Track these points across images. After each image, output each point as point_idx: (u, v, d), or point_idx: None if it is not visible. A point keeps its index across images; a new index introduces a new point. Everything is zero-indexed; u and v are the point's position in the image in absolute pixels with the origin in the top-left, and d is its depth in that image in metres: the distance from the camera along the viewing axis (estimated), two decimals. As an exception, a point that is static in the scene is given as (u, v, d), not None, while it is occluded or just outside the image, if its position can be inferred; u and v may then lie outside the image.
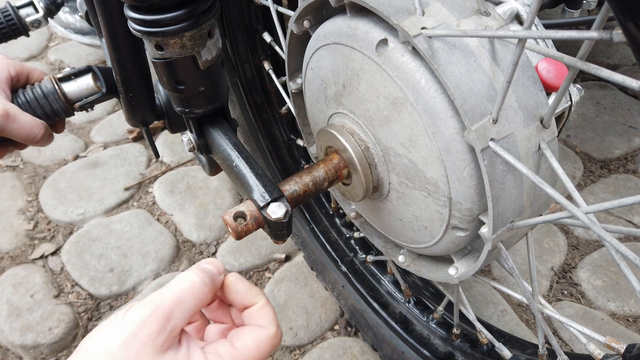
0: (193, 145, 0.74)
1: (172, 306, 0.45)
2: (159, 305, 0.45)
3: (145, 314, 0.44)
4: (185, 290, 0.47)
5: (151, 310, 0.44)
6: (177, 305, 0.45)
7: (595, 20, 0.35)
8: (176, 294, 0.46)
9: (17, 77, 0.80)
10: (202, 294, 0.48)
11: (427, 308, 0.99)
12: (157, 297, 0.46)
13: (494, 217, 0.50)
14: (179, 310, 0.46)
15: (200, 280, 0.48)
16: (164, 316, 0.44)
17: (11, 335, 1.21)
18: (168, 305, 0.45)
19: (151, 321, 0.43)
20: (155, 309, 0.44)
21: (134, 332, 0.43)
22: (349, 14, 0.57)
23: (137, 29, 0.55)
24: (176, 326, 0.45)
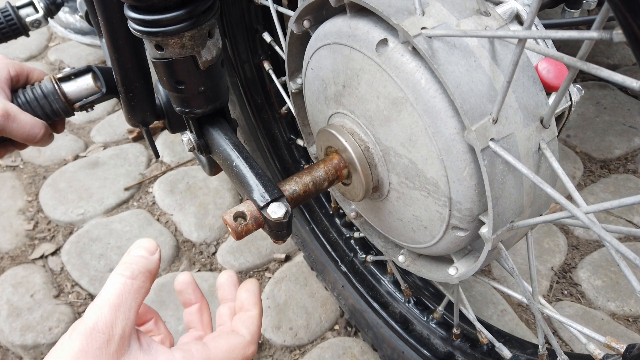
0: (193, 145, 0.74)
1: (111, 313, 0.45)
2: (99, 316, 0.44)
3: (88, 329, 0.43)
4: (118, 293, 0.46)
5: (93, 323, 0.44)
6: (116, 310, 0.45)
7: (595, 20, 0.35)
8: (111, 300, 0.46)
9: (16, 77, 0.80)
10: (137, 287, 0.48)
11: (427, 308, 0.99)
12: (95, 309, 0.45)
13: (494, 217, 0.50)
14: (120, 313, 0.45)
15: (130, 275, 0.48)
16: (107, 325, 0.44)
17: (11, 335, 1.21)
18: (107, 313, 0.45)
19: (96, 334, 0.43)
20: (96, 321, 0.44)
21: (82, 349, 0.43)
22: (349, 14, 0.57)
23: (137, 29, 0.55)
24: (124, 329, 0.45)
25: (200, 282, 1.30)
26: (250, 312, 0.54)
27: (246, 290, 0.56)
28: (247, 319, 0.54)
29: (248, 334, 0.52)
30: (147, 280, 0.49)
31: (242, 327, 0.53)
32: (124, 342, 0.45)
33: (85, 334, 0.43)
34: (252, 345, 0.52)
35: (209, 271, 1.35)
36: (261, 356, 1.18)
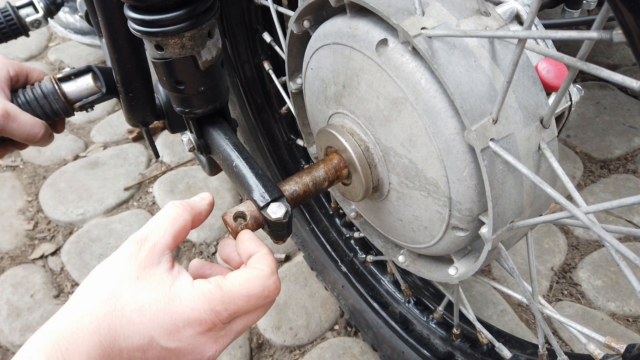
0: (193, 145, 0.74)
1: (146, 230, 0.51)
2: (135, 235, 0.51)
3: (128, 240, 0.50)
4: (159, 216, 0.53)
5: (129, 240, 0.50)
6: (152, 229, 0.51)
7: (595, 20, 0.35)
8: (152, 221, 0.52)
9: (16, 77, 0.80)
10: (177, 214, 0.53)
11: (427, 308, 0.99)
12: (149, 229, 0.52)
13: (494, 217, 0.50)
14: (155, 232, 0.51)
15: (173, 204, 0.54)
16: (140, 238, 0.50)
17: (11, 335, 1.21)
18: (142, 231, 0.51)
19: (129, 244, 0.50)
20: (132, 238, 0.51)
21: (116, 256, 0.49)
22: (349, 14, 0.57)
23: (137, 29, 0.55)
24: (155, 244, 0.50)
25: (200, 282, 1.30)
26: (260, 252, 0.53)
27: (243, 241, 0.54)
28: (258, 257, 0.52)
29: (265, 266, 0.51)
30: (187, 212, 0.54)
31: (257, 263, 0.51)
32: (153, 256, 0.49)
33: (122, 247, 0.50)
34: (272, 276, 0.50)
35: (209, 271, 1.35)
36: (261, 356, 1.18)
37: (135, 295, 0.47)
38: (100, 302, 0.46)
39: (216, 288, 0.48)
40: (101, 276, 0.49)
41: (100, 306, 0.46)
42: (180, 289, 0.48)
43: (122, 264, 0.49)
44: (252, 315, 0.52)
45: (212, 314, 0.47)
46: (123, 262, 0.49)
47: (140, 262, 0.49)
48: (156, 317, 0.46)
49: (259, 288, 0.49)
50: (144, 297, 0.47)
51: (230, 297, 0.48)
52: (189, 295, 0.47)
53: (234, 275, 0.50)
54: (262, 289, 0.49)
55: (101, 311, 0.46)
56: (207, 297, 0.47)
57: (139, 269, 0.48)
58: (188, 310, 0.47)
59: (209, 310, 0.47)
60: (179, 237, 0.53)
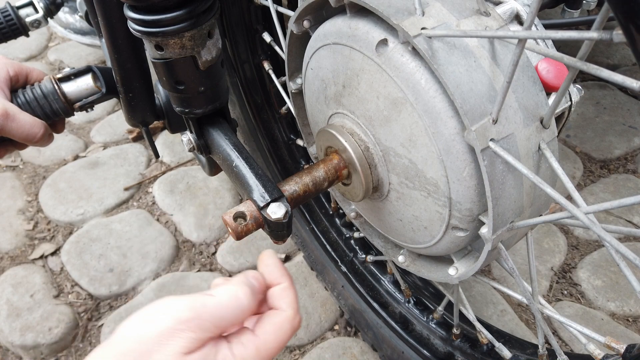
0: (193, 146, 0.74)
1: (211, 319, 0.47)
2: (199, 314, 0.46)
3: (185, 316, 0.46)
4: (229, 308, 0.48)
5: (192, 316, 0.46)
6: (216, 320, 0.47)
7: (595, 20, 0.35)
8: (219, 309, 0.47)
9: (16, 77, 0.80)
10: (242, 315, 0.50)
11: (427, 308, 0.99)
12: (200, 304, 0.47)
13: (494, 218, 0.50)
14: (216, 325, 0.47)
15: (247, 303, 0.49)
16: (201, 326, 0.46)
17: (11, 336, 1.21)
18: (208, 318, 0.46)
19: (188, 326, 0.45)
20: (195, 316, 0.46)
21: (170, 329, 0.45)
22: (349, 14, 0.57)
23: (137, 29, 0.55)
24: (209, 337, 0.47)
25: (200, 282, 1.30)
26: (282, 285, 0.53)
27: (266, 265, 0.55)
28: (280, 292, 0.53)
29: (288, 307, 0.52)
30: (250, 313, 0.51)
31: (280, 302, 0.52)
32: (203, 343, 0.46)
33: (180, 319, 0.45)
34: (296, 316, 0.52)
35: (209, 271, 1.35)
36: (261, 356, 1.18)
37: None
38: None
39: (255, 353, 0.49)
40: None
41: None
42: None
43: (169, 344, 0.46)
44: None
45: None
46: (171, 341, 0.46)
47: (186, 349, 0.46)
48: None
49: (289, 332, 0.51)
50: None
51: (267, 352, 0.49)
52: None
53: (264, 329, 0.50)
54: (291, 331, 0.51)
55: None
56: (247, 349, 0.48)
57: (182, 356, 0.46)
58: None
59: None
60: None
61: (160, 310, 0.47)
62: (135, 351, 0.44)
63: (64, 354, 1.21)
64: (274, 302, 0.52)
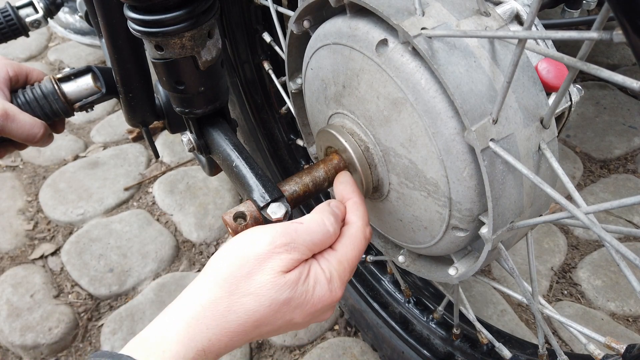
0: (193, 146, 0.74)
1: (303, 243, 0.52)
2: (293, 239, 0.51)
3: (281, 241, 0.50)
4: (318, 233, 0.53)
5: (287, 241, 0.51)
6: (307, 243, 0.52)
7: (596, 20, 0.35)
8: (309, 234, 0.53)
9: (16, 78, 0.80)
10: (329, 239, 0.55)
11: (427, 308, 0.99)
12: (293, 230, 0.52)
13: (494, 218, 0.50)
14: (308, 248, 0.52)
15: (333, 231, 0.55)
16: (296, 248, 0.51)
17: (11, 336, 1.21)
18: (300, 242, 0.51)
19: (285, 249, 0.50)
20: (290, 240, 0.51)
21: (269, 252, 0.50)
22: (349, 14, 0.57)
23: (137, 29, 0.55)
24: (303, 258, 0.52)
25: (200, 282, 1.30)
26: (352, 199, 0.59)
27: (340, 182, 0.61)
28: (351, 206, 0.59)
29: (358, 219, 0.58)
30: (335, 237, 0.56)
31: (352, 215, 0.58)
32: (300, 262, 0.52)
33: (278, 243, 0.50)
34: (367, 227, 0.58)
35: (209, 271, 1.35)
36: (261, 356, 1.18)
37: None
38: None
39: (338, 264, 0.54)
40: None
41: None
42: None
43: (268, 263, 0.50)
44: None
45: (344, 286, 0.55)
46: (270, 261, 0.50)
47: (283, 268, 0.51)
48: (301, 303, 0.51)
49: (363, 242, 0.57)
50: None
51: (348, 262, 0.55)
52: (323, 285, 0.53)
53: (342, 243, 0.56)
54: (364, 240, 0.57)
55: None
56: (341, 278, 0.54)
57: (279, 274, 0.51)
58: (328, 294, 0.53)
59: (343, 286, 0.54)
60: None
61: (257, 237, 0.51)
62: (235, 275, 0.49)
63: (64, 354, 1.21)
64: (347, 216, 0.58)
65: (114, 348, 1.19)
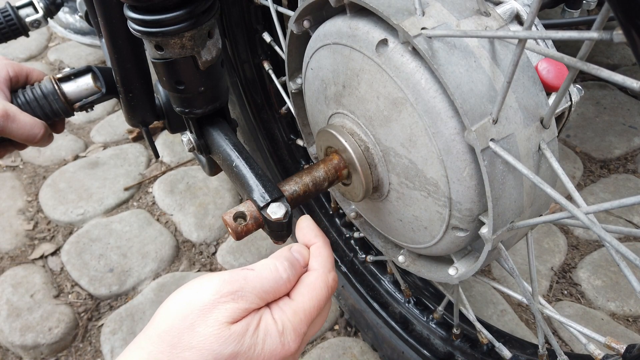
0: (193, 146, 0.74)
1: (252, 291, 0.48)
2: (242, 286, 0.48)
3: (227, 289, 0.47)
4: (269, 281, 0.50)
5: (235, 289, 0.48)
6: (257, 292, 0.49)
7: (596, 20, 0.35)
8: (260, 281, 0.49)
9: (16, 78, 0.80)
10: (283, 287, 0.51)
11: (427, 308, 0.99)
12: (242, 277, 0.49)
13: (494, 218, 0.50)
14: (258, 297, 0.49)
15: (287, 278, 0.51)
16: (244, 297, 0.48)
17: (11, 336, 1.21)
18: (249, 291, 0.48)
19: (232, 298, 0.47)
20: (238, 289, 0.48)
21: (214, 302, 0.47)
22: (349, 14, 0.57)
23: (137, 29, 0.55)
24: (252, 308, 0.49)
25: (200, 282, 1.30)
26: (316, 244, 0.56)
27: (301, 228, 0.57)
28: (314, 250, 0.55)
29: (320, 265, 0.54)
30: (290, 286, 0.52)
31: (313, 261, 0.54)
32: (246, 314, 0.48)
33: (223, 291, 0.47)
34: (330, 273, 0.54)
35: (209, 271, 1.35)
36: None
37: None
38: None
39: (293, 315, 0.50)
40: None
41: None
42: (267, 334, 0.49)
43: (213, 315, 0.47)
44: (319, 320, 0.54)
45: (299, 339, 0.50)
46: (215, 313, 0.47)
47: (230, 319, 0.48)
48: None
49: (323, 291, 0.52)
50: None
51: (304, 313, 0.51)
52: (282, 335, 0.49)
53: (299, 292, 0.52)
54: (326, 289, 0.52)
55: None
56: (296, 330, 0.50)
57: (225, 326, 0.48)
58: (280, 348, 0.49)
59: (298, 339, 0.50)
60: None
61: (202, 286, 0.48)
62: (178, 328, 0.46)
63: (64, 354, 1.21)
64: (309, 262, 0.54)
65: (114, 348, 1.19)
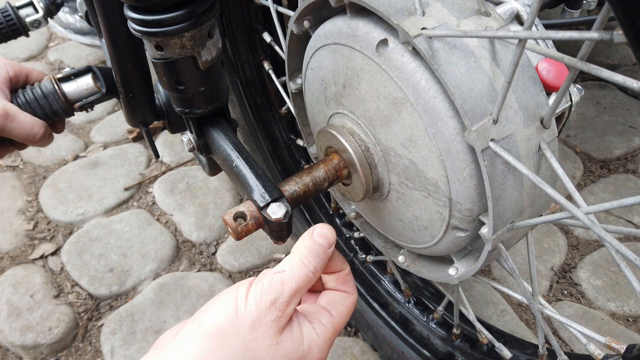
0: (193, 146, 0.74)
1: (291, 294, 0.51)
2: (281, 293, 0.51)
3: (269, 300, 0.50)
4: (302, 280, 0.53)
5: (274, 298, 0.50)
6: (294, 293, 0.52)
7: (596, 20, 0.35)
8: (294, 283, 0.52)
9: (15, 78, 0.80)
10: (312, 280, 0.54)
11: (427, 308, 0.99)
12: (277, 284, 0.51)
13: (494, 218, 0.50)
14: (296, 297, 0.52)
15: (313, 269, 0.54)
16: (284, 304, 0.51)
17: (11, 336, 1.21)
18: (288, 294, 0.51)
19: (274, 308, 0.50)
20: (277, 296, 0.50)
21: (260, 316, 0.49)
22: (349, 14, 0.57)
23: (137, 29, 0.55)
24: (292, 310, 0.52)
25: (200, 282, 1.30)
26: (345, 271, 0.60)
27: (330, 255, 0.60)
28: (345, 277, 0.60)
29: (354, 290, 0.60)
30: (320, 273, 0.56)
31: (346, 285, 0.60)
32: (289, 321, 0.52)
33: (266, 304, 0.50)
34: (356, 299, 0.61)
35: (209, 271, 1.35)
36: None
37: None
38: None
39: (332, 330, 0.55)
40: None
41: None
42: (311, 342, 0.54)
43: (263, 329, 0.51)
44: None
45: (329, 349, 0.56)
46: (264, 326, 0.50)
47: (279, 329, 0.51)
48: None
49: (352, 311, 0.60)
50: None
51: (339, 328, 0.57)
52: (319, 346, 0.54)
53: (340, 311, 0.58)
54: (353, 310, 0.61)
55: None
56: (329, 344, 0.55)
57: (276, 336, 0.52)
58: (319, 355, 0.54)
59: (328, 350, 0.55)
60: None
61: (243, 300, 0.50)
62: (234, 351, 0.48)
63: (64, 354, 1.21)
64: (341, 286, 0.60)
65: (114, 348, 1.19)
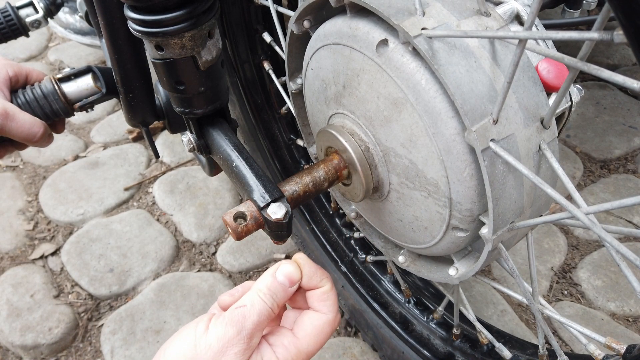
0: (193, 146, 0.74)
1: (253, 327, 0.51)
2: (243, 326, 0.51)
3: (231, 334, 0.50)
4: (263, 314, 0.52)
5: (236, 331, 0.50)
6: (256, 326, 0.51)
7: (596, 20, 0.35)
8: (255, 317, 0.51)
9: (15, 78, 0.80)
10: (272, 317, 0.53)
11: (427, 308, 0.99)
12: (239, 317, 0.51)
13: (495, 218, 0.50)
14: (259, 331, 0.52)
15: (271, 306, 0.53)
16: (248, 337, 0.50)
17: (11, 336, 1.21)
18: (250, 327, 0.51)
19: (237, 341, 0.50)
20: (240, 330, 0.50)
21: (221, 350, 0.49)
22: (349, 14, 0.57)
23: (137, 29, 0.55)
24: (257, 343, 0.52)
25: (200, 282, 1.30)
26: (323, 288, 0.56)
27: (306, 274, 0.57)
28: (321, 294, 0.56)
29: (329, 310, 0.55)
30: (279, 309, 0.54)
31: (321, 304, 0.55)
32: (254, 350, 0.52)
33: (228, 337, 0.50)
34: (336, 319, 0.55)
35: (209, 271, 1.35)
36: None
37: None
38: None
39: (297, 354, 0.52)
40: None
41: None
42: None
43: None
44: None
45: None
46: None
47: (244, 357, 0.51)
48: None
49: (329, 334, 0.55)
50: None
51: (307, 352, 0.53)
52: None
53: (305, 332, 0.54)
54: (331, 332, 0.55)
55: None
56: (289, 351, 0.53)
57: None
58: None
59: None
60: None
61: (203, 332, 0.50)
62: None
63: (64, 354, 1.21)
64: (315, 304, 0.56)
65: (114, 348, 1.19)
